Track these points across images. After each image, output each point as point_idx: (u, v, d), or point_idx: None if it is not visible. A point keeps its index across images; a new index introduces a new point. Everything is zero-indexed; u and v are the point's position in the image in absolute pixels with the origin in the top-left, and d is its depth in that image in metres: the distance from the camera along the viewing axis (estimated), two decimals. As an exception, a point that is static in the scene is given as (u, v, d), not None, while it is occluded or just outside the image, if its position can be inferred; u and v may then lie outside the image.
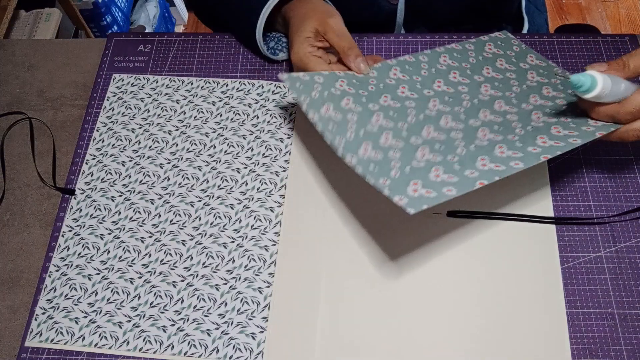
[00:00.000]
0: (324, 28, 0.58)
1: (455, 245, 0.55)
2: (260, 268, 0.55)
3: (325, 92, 0.54)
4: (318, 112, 0.52)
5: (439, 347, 0.50)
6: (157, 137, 0.63)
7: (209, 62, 0.68)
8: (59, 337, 0.52)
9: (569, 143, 0.49)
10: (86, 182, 0.60)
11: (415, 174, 0.46)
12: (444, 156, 0.48)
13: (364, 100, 0.54)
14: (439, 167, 0.46)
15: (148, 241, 0.57)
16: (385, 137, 0.50)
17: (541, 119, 0.53)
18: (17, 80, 0.69)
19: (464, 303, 0.52)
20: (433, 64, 0.61)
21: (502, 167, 0.46)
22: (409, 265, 0.54)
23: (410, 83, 0.59)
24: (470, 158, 0.48)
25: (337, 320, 0.52)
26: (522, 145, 0.49)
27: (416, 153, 0.49)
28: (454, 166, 0.47)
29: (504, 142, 0.49)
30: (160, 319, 0.53)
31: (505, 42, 0.65)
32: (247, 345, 0.51)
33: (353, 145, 0.49)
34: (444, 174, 0.46)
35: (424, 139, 0.51)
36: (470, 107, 0.56)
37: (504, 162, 0.47)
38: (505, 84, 0.60)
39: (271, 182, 0.59)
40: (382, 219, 0.56)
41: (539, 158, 0.47)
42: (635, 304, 0.52)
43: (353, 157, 0.47)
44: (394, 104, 0.55)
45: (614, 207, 0.57)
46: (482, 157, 0.48)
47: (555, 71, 0.61)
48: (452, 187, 0.44)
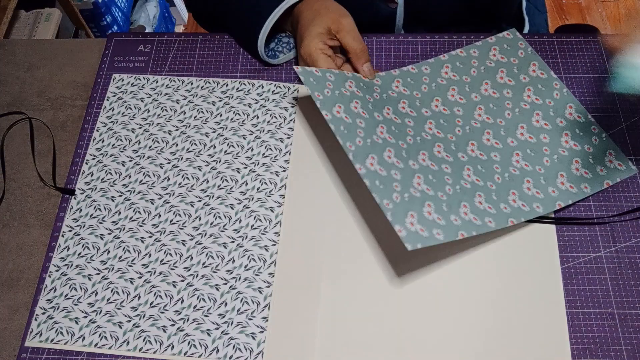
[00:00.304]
0: (337, 27, 0.59)
1: (455, 246, 0.55)
2: (260, 268, 0.55)
3: (337, 91, 0.55)
4: (331, 113, 0.53)
5: (438, 347, 0.50)
6: (157, 137, 0.63)
7: (209, 62, 0.68)
8: (59, 337, 0.52)
9: (533, 210, 0.54)
10: (86, 182, 0.60)
11: (413, 203, 0.49)
12: (435, 192, 0.51)
13: (370, 107, 0.56)
14: (431, 203, 0.50)
15: (148, 241, 0.57)
16: (389, 154, 0.52)
17: (520, 163, 0.58)
18: (17, 80, 0.69)
19: (464, 303, 0.52)
20: (434, 78, 0.62)
21: (479, 222, 0.51)
22: (409, 266, 0.54)
23: (410, 99, 0.61)
24: (455, 201, 0.52)
25: (337, 320, 0.52)
26: (497, 200, 0.54)
27: (413, 180, 0.51)
28: (442, 206, 0.51)
29: (483, 191, 0.54)
30: (160, 319, 0.53)
31: (512, 44, 0.65)
32: (247, 345, 0.51)
33: (361, 154, 0.51)
34: (434, 212, 0.49)
35: (420, 165, 0.53)
36: (461, 135, 0.59)
37: (480, 215, 0.52)
38: (500, 106, 0.61)
39: (271, 182, 0.59)
40: (382, 219, 0.56)
41: (507, 222, 0.52)
42: (635, 304, 0.52)
43: (362, 168, 0.50)
44: (395, 118, 0.57)
45: (614, 207, 0.57)
46: (465, 204, 0.52)
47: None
48: (440, 230, 0.49)
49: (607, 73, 0.65)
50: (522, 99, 0.62)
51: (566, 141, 0.59)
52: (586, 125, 0.60)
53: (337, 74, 0.57)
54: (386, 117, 0.56)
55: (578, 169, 0.57)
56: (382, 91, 0.60)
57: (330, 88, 0.55)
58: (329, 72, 0.56)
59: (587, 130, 0.59)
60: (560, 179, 0.56)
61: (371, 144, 0.52)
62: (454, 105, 0.61)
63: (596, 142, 0.59)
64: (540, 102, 0.61)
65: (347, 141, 0.51)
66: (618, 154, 0.58)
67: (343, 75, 0.57)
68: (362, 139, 0.52)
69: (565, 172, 0.57)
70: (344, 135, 0.52)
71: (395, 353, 0.50)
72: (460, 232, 0.49)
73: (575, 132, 0.59)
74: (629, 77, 0.48)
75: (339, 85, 0.56)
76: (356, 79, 0.58)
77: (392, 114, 0.57)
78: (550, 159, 0.58)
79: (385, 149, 0.52)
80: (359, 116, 0.54)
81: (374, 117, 0.55)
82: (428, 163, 0.54)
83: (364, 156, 0.51)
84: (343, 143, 0.51)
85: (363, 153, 0.51)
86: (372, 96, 0.58)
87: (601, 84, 0.64)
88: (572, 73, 0.65)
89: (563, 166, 0.57)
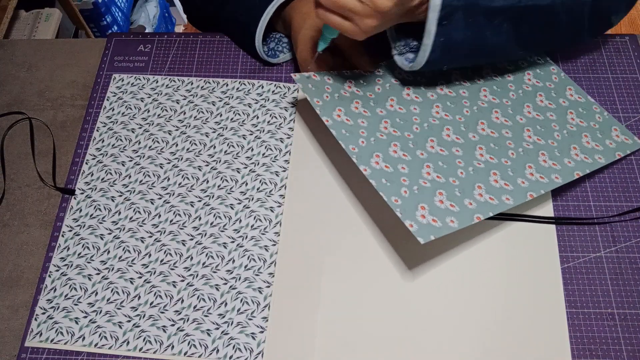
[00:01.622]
0: None
1: (455, 246, 0.55)
2: (260, 268, 0.55)
3: (336, 94, 0.55)
4: (331, 117, 0.53)
5: (438, 347, 0.50)
6: (157, 137, 0.63)
7: (209, 62, 0.68)
8: (59, 337, 0.52)
9: (552, 181, 0.54)
10: (86, 182, 0.60)
11: (422, 195, 0.49)
12: (446, 178, 0.51)
13: (372, 104, 0.56)
14: (443, 191, 0.50)
15: (148, 241, 0.57)
16: (394, 148, 0.52)
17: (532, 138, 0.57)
18: (17, 80, 0.69)
19: (464, 303, 0.52)
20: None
21: (496, 202, 0.51)
22: (409, 266, 0.54)
23: (414, 84, 0.60)
24: (469, 184, 0.51)
25: (337, 320, 0.52)
26: (513, 175, 0.53)
27: (422, 170, 0.51)
28: (455, 192, 0.50)
29: (497, 168, 0.53)
30: (160, 319, 0.53)
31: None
32: (247, 345, 0.51)
33: (365, 155, 0.51)
34: (447, 200, 0.49)
35: (429, 153, 0.53)
36: (470, 115, 0.58)
37: (496, 194, 0.51)
38: (503, 88, 0.61)
39: (271, 182, 0.59)
40: (382, 219, 0.56)
41: (526, 196, 0.52)
42: (635, 304, 0.52)
43: (367, 169, 0.50)
44: (400, 108, 0.57)
45: (614, 207, 0.57)
46: (479, 185, 0.51)
47: None
48: (454, 217, 0.48)
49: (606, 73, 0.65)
50: (523, 81, 0.62)
51: (572, 118, 0.60)
52: (587, 105, 0.61)
53: (335, 76, 0.57)
54: (390, 110, 0.56)
55: (589, 142, 0.58)
56: (385, 81, 0.60)
57: (330, 92, 0.55)
58: (327, 75, 0.57)
59: (590, 110, 0.61)
60: (573, 151, 0.57)
61: (375, 141, 0.52)
62: (459, 88, 0.61)
63: (600, 119, 0.60)
64: (541, 85, 0.62)
65: (349, 144, 0.51)
66: (622, 129, 0.60)
67: (342, 76, 0.57)
68: (366, 139, 0.52)
69: (577, 145, 0.57)
70: (346, 138, 0.52)
71: (395, 353, 0.50)
72: (476, 215, 0.49)
73: (579, 111, 0.61)
74: None
75: (338, 88, 0.56)
76: (355, 77, 0.58)
77: (396, 105, 0.57)
78: (561, 133, 0.58)
79: (390, 144, 0.52)
80: (361, 116, 0.54)
81: (377, 113, 0.55)
82: (437, 149, 0.54)
83: (368, 156, 0.51)
84: (346, 147, 0.51)
85: (367, 153, 0.51)
86: (373, 91, 0.58)
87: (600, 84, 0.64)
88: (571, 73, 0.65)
89: (574, 140, 0.58)
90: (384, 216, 0.56)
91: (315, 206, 0.57)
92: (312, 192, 0.58)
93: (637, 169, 0.59)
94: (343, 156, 0.59)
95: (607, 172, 0.58)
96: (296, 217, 0.57)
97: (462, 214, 0.49)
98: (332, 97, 0.55)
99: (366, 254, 0.55)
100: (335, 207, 0.57)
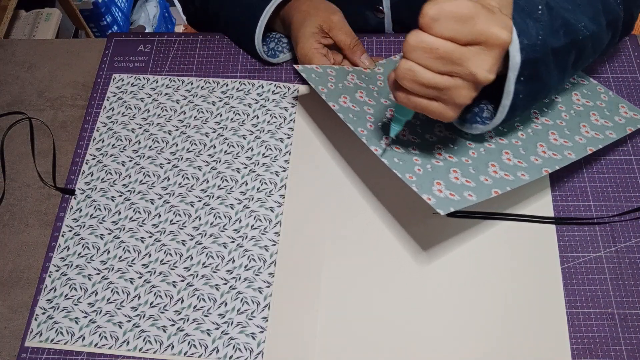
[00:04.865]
0: (329, 25, 0.59)
1: (455, 246, 0.55)
2: (260, 268, 0.55)
3: (340, 84, 0.55)
4: (338, 103, 0.53)
5: (438, 347, 0.50)
6: (157, 137, 0.63)
7: (209, 62, 0.68)
8: (59, 337, 0.52)
9: (565, 157, 0.52)
10: (86, 182, 0.60)
11: (436, 172, 0.48)
12: (459, 158, 0.51)
13: (376, 95, 0.56)
14: (457, 169, 0.49)
15: (148, 241, 0.57)
16: (403, 132, 0.52)
17: (540, 119, 0.56)
18: (17, 80, 0.69)
19: (464, 303, 0.52)
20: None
21: (511, 177, 0.49)
22: (409, 266, 0.54)
23: None
24: (482, 163, 0.50)
25: (337, 320, 0.52)
26: (525, 154, 0.52)
27: (433, 151, 0.51)
28: (469, 169, 0.49)
29: (509, 148, 0.53)
30: (160, 319, 0.53)
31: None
32: (247, 345, 0.51)
33: (375, 136, 0.51)
34: (462, 177, 0.48)
35: (438, 137, 0.53)
36: None
37: (511, 171, 0.50)
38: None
39: (271, 182, 0.59)
40: (382, 219, 0.56)
41: (541, 172, 0.50)
42: (635, 304, 0.52)
43: (377, 149, 0.49)
44: None
45: (614, 207, 0.57)
46: (492, 163, 0.51)
47: None
48: (471, 192, 0.47)
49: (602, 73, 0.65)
50: None
51: (577, 99, 0.59)
52: (591, 86, 0.61)
53: (337, 69, 0.57)
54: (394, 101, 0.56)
55: (598, 120, 0.57)
56: (386, 77, 0.60)
57: (333, 82, 0.55)
58: (330, 68, 0.57)
59: (594, 90, 0.61)
60: (583, 128, 0.56)
61: (382, 126, 0.52)
62: None
63: (605, 99, 0.60)
64: None
65: (358, 127, 0.51)
66: (630, 106, 0.59)
67: (344, 70, 0.58)
68: (374, 124, 0.52)
69: (586, 123, 0.57)
70: (354, 122, 0.51)
71: (395, 353, 0.50)
72: (494, 190, 0.48)
73: (583, 92, 0.60)
74: None
75: (341, 79, 0.56)
76: (357, 72, 0.59)
77: None
78: (568, 114, 0.57)
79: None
80: (366, 104, 0.54)
81: (381, 102, 0.55)
82: (446, 133, 0.54)
83: (377, 138, 0.51)
84: (354, 129, 0.50)
85: (376, 135, 0.51)
86: (375, 85, 0.58)
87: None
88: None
89: (582, 119, 0.57)
90: (384, 216, 0.56)
91: (315, 206, 0.57)
92: (312, 192, 0.58)
93: (637, 169, 0.59)
94: (343, 156, 0.59)
95: (607, 172, 0.58)
96: (296, 217, 0.57)
97: (479, 188, 0.47)
98: (336, 87, 0.55)
99: (366, 254, 0.55)
100: (336, 207, 0.57)
